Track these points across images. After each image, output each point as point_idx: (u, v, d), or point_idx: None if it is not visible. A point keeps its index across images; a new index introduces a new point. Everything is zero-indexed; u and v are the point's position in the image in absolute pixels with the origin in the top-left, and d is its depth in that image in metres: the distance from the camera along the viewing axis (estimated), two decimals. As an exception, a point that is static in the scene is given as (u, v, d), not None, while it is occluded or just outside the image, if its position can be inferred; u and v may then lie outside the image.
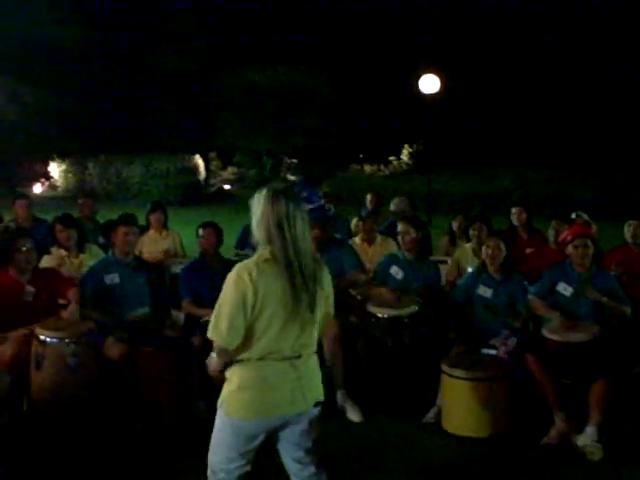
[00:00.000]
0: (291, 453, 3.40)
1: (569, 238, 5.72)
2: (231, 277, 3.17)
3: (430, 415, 5.50)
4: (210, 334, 3.21)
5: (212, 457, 3.37)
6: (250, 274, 3.13)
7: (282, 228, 3.15)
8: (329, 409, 5.55)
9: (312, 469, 3.41)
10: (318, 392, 3.37)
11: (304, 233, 3.19)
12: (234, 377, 3.25)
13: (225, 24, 29.32)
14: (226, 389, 3.29)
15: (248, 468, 3.36)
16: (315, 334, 3.32)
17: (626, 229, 6.79)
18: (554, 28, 28.95)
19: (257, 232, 3.22)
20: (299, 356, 3.25)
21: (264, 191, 3.25)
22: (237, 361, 3.23)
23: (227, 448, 3.31)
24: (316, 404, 3.34)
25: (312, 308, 3.23)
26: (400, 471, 4.78)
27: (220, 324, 3.16)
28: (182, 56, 27.10)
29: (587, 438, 4.98)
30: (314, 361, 3.37)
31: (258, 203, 3.23)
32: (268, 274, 3.15)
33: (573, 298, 5.59)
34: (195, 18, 27.76)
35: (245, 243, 8.61)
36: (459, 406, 5.25)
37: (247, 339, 3.19)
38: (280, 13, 30.24)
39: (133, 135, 26.92)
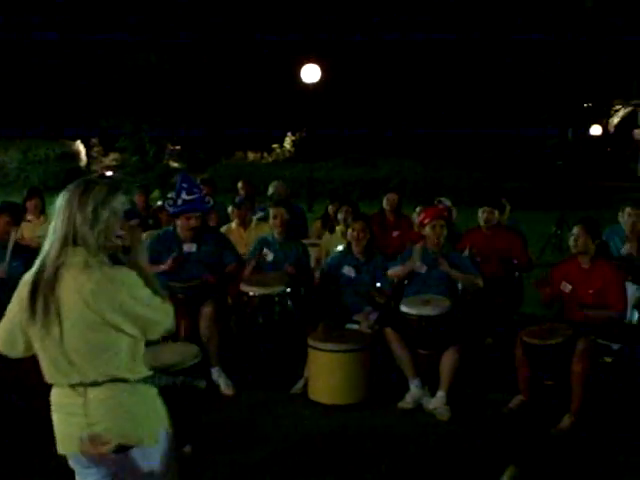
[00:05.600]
0: None
1: (426, 220, 6.23)
2: None
3: (298, 386, 5.90)
4: None
5: None
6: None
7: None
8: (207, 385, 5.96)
9: None
10: (117, 433, 2.73)
11: (51, 233, 2.80)
12: None
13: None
14: None
15: None
16: (90, 361, 2.70)
17: (480, 214, 7.34)
18: (427, 20, 30.04)
19: None
20: (84, 384, 2.71)
21: None
22: None
23: None
24: (118, 450, 2.73)
25: (50, 327, 2.68)
26: (269, 439, 5.13)
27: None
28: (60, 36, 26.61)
29: (437, 401, 5.52)
30: (117, 394, 2.74)
31: None
32: None
33: (427, 275, 6.08)
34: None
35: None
36: (324, 377, 5.67)
37: None
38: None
39: (10, 121, 26.22)
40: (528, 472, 4.63)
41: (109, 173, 29.37)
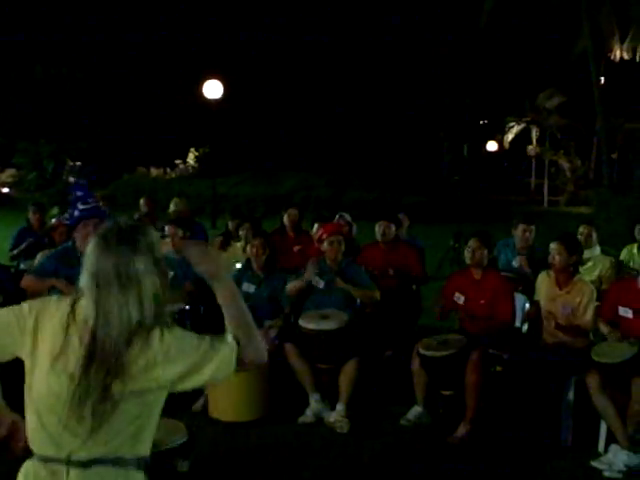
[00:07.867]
0: None
1: (324, 236, 6.32)
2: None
3: (198, 404, 5.85)
4: None
5: None
6: (37, 306, 2.27)
7: (92, 286, 2.20)
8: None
9: None
10: None
11: (119, 305, 2.17)
12: None
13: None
14: None
15: None
16: (111, 437, 2.18)
17: (377, 228, 7.47)
18: (329, 36, 30.58)
19: None
20: (72, 462, 2.17)
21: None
22: None
23: None
24: None
25: (96, 396, 2.14)
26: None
27: None
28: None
29: (337, 415, 5.58)
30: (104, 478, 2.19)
31: None
32: (58, 323, 2.21)
33: (326, 290, 6.17)
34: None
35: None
36: (224, 394, 5.64)
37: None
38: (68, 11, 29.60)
39: None
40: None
41: (5, 190, 28.47)
